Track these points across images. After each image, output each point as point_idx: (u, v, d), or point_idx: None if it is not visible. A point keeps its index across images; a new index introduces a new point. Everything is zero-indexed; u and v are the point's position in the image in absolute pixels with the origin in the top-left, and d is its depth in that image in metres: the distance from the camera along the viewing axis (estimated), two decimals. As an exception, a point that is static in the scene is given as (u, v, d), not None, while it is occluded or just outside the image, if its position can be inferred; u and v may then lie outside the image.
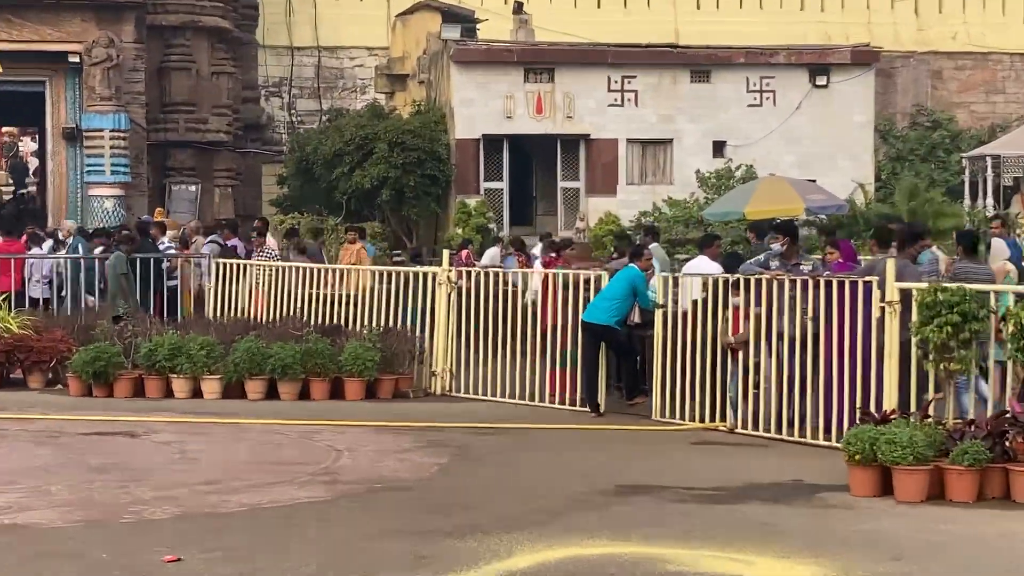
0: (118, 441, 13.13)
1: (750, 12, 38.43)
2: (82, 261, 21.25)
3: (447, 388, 16.82)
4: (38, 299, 21.31)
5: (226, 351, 16.29)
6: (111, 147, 29.64)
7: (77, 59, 29.76)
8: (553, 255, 19.82)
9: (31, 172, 42.76)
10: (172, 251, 22.32)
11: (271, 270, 19.47)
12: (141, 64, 30.60)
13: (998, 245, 17.92)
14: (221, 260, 20.37)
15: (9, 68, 27.65)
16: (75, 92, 30.30)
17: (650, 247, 18.58)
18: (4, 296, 18.77)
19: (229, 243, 22.33)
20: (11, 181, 44.37)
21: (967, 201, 31.71)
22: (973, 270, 13.84)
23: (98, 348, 16.40)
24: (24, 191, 42.11)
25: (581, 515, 9.76)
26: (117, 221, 27.58)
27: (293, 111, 37.16)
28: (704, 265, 15.81)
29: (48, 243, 23.83)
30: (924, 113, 37.92)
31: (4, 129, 42.12)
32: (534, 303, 16.89)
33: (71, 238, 23.46)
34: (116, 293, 19.33)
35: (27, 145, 45.76)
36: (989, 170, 31.76)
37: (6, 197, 41.00)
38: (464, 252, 23.63)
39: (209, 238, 22.61)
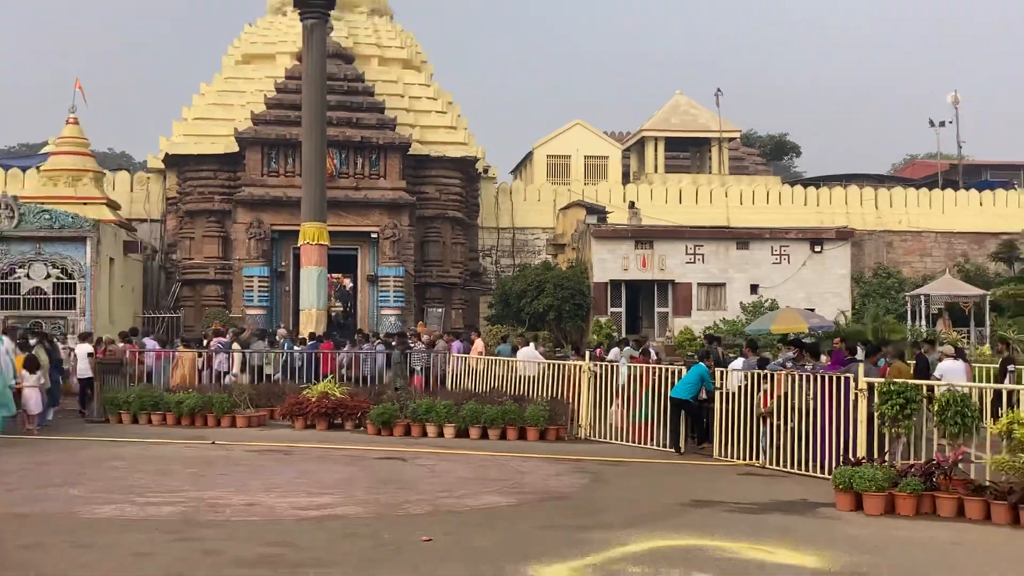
0: (395, 463, 13.30)
1: (773, 207, 37.99)
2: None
3: (587, 435, 16.54)
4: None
5: (458, 409, 16.37)
6: (394, 286, 30.37)
7: (375, 235, 30.68)
8: (637, 354, 19.59)
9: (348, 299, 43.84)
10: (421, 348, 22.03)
11: (485, 361, 19.62)
12: (411, 238, 31.38)
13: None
14: (457, 355, 20.55)
15: (337, 241, 28.54)
16: (374, 254, 31.16)
17: (623, 349, 19.24)
18: (330, 375, 19.29)
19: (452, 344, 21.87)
20: (338, 304, 45.66)
21: (909, 323, 30.63)
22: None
23: (385, 406, 16.66)
24: (349, 307, 43.31)
25: (670, 518, 9.61)
26: (395, 330, 28.09)
27: (498, 265, 37.51)
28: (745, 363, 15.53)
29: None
30: (881, 268, 36.85)
31: (333, 275, 43.32)
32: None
33: (284, 341, 22.26)
34: (395, 374, 19.67)
35: (346, 284, 47.07)
36: (922, 304, 30.72)
37: (335, 311, 42.15)
38: (598, 350, 23.42)
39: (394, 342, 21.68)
